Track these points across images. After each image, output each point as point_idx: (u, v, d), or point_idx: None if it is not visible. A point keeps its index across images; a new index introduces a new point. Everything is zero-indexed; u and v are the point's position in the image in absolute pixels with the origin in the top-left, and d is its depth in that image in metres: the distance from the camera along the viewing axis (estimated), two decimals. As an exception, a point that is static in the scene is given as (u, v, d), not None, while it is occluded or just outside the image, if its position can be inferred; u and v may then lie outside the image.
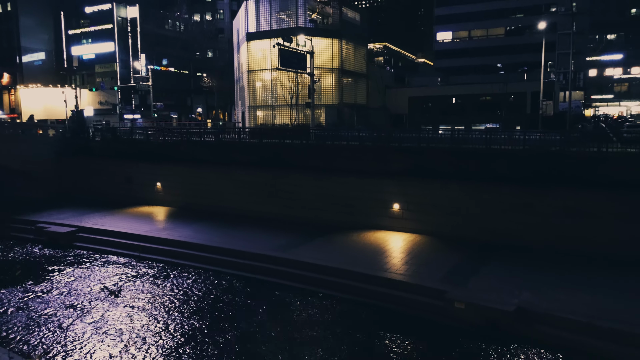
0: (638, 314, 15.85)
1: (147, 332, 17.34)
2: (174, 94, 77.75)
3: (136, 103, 69.74)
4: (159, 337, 17.00)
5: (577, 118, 54.99)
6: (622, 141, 26.17)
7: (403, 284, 19.53)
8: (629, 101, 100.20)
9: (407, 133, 31.43)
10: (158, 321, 18.27)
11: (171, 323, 18.11)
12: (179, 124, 59.58)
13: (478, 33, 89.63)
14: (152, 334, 17.19)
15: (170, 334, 17.21)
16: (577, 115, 57.80)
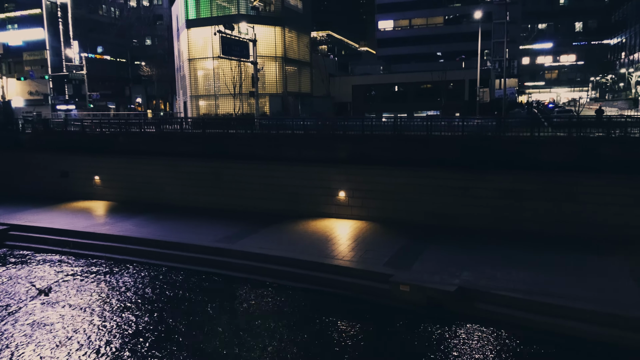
0: (569, 288, 16.92)
1: (85, 332, 16.72)
2: (111, 84, 74.50)
3: (70, 93, 66.29)
4: (98, 336, 16.44)
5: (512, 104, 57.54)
6: (553, 126, 27.66)
7: (350, 269, 19.85)
8: (559, 87, 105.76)
9: (352, 121, 31.78)
10: (97, 320, 17.65)
11: (112, 321, 17.55)
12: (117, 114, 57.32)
13: (418, 22, 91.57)
14: (90, 334, 16.59)
15: (112, 333, 16.68)
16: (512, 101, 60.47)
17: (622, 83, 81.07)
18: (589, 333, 14.82)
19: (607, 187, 22.45)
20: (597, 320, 15.10)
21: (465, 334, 15.85)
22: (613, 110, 52.76)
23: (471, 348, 14.95)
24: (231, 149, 31.18)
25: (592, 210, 22.63)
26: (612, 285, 17.03)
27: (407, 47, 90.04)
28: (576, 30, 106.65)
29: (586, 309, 15.37)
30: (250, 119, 34.72)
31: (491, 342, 15.26)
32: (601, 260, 19.60)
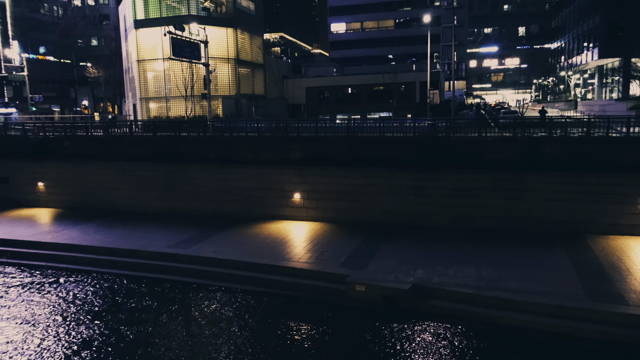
0: (518, 282, 17.56)
1: (29, 346, 15.92)
2: (54, 86, 71.48)
3: (10, 95, 63.13)
4: (43, 350, 15.69)
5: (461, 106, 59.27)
6: (499, 126, 28.70)
7: (306, 271, 19.85)
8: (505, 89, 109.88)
9: (306, 123, 31.83)
10: (42, 333, 16.84)
11: (58, 334, 16.79)
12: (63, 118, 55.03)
13: (370, 25, 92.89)
14: (35, 348, 15.81)
15: (58, 346, 15.95)
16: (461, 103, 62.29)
17: (562, 85, 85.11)
18: (538, 324, 15.41)
19: (551, 184, 23.48)
20: (545, 312, 15.74)
21: (420, 330, 16.16)
22: (554, 111, 55.35)
23: (426, 344, 15.25)
24: (183, 152, 30.55)
25: (537, 207, 23.62)
26: (557, 278, 17.81)
27: (360, 50, 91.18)
28: (519, 34, 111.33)
29: (535, 302, 16.00)
30: (203, 122, 34.14)
31: (445, 337, 15.63)
32: (547, 254, 20.46)
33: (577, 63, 72.18)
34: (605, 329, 14.74)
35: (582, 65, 70.57)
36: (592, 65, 67.96)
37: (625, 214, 22.55)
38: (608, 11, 57.33)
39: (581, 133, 24.50)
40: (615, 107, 44.82)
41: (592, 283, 17.20)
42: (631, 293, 16.24)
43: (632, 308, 15.18)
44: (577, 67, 73.32)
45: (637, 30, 52.55)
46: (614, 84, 64.04)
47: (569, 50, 77.88)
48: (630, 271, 18.18)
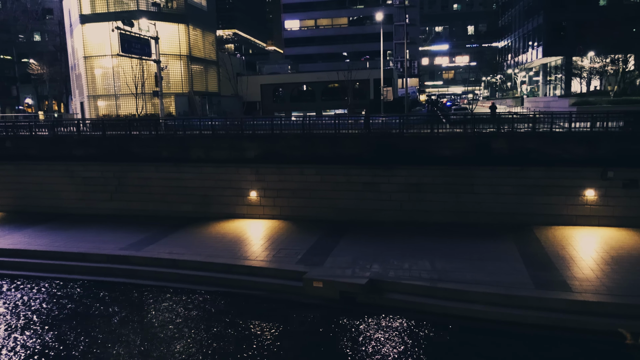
0: (470, 273, 18.13)
1: (-24, 357, 15.12)
2: (-6, 83, 67.87)
3: (-56, 94, 59.44)
4: (-8, 359, 14.94)
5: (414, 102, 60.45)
6: (450, 122, 29.46)
7: (263, 269, 19.77)
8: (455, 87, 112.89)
9: (261, 120, 31.60)
10: (-10, 342, 16.02)
11: (4, 344, 16.01)
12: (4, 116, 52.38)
13: (324, 22, 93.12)
14: (-17, 358, 15.04)
15: (3, 357, 15.22)
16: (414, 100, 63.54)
17: (509, 82, 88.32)
18: (489, 314, 15.98)
19: (499, 178, 24.34)
20: (495, 301, 16.34)
21: (377, 324, 16.42)
22: (502, 108, 57.34)
23: (383, 337, 15.51)
24: (135, 151, 29.70)
25: (488, 200, 24.45)
26: (506, 268, 18.50)
27: (314, 47, 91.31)
28: (469, 33, 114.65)
29: (485, 292, 16.58)
30: (155, 120, 33.28)
31: (401, 329, 15.94)
32: (497, 246, 21.22)
33: (523, 61, 75.09)
34: (551, 316, 15.45)
35: (527, 64, 73.47)
36: (536, 63, 70.88)
37: (569, 206, 23.68)
38: (550, 12, 59.92)
39: (527, 129, 25.51)
40: (558, 103, 46.87)
41: (539, 272, 17.97)
42: (574, 280, 17.08)
43: (575, 295, 15.97)
44: (523, 65, 76.27)
45: (577, 30, 55.19)
46: (557, 81, 67.05)
47: (515, 48, 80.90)
48: (573, 260, 19.11)
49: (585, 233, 22.52)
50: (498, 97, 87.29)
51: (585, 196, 23.44)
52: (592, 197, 23.37)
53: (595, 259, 19.15)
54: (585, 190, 23.39)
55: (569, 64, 58.55)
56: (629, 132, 24.07)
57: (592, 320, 14.99)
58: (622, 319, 14.76)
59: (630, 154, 23.14)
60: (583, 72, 55.44)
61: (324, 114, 50.65)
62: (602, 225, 23.28)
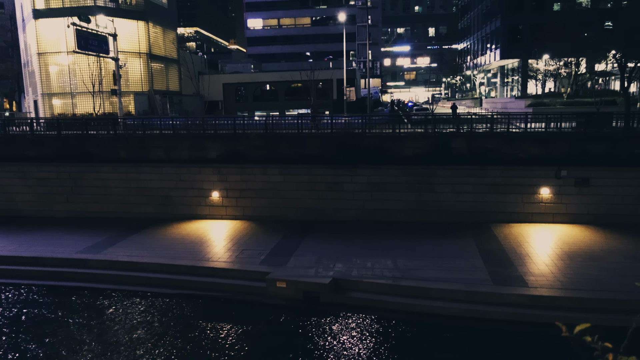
0: (431, 271, 18.46)
1: None
2: (-61, 80, 64.45)
3: None
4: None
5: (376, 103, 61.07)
6: (412, 122, 29.92)
7: (226, 270, 19.56)
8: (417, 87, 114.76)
9: (223, 120, 31.22)
10: None
11: (-46, 352, 15.26)
12: (-50, 115, 49.75)
13: (287, 22, 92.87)
14: None
15: (-46, 365, 14.51)
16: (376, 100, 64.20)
17: (469, 84, 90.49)
18: (449, 310, 16.32)
19: (459, 177, 24.90)
20: (455, 297, 16.70)
21: (340, 323, 16.51)
22: (461, 108, 58.71)
23: (346, 336, 15.61)
24: (92, 151, 28.83)
25: (448, 199, 24.97)
26: (466, 265, 18.95)
27: (277, 46, 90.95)
28: (430, 35, 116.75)
29: (446, 289, 16.92)
30: (114, 119, 32.39)
31: (364, 328, 16.09)
32: (457, 243, 21.69)
33: (482, 63, 77.07)
34: (508, 310, 15.92)
35: (485, 65, 75.46)
36: (494, 65, 72.87)
37: (525, 204, 24.46)
38: (507, 15, 61.72)
39: (486, 129, 26.19)
40: (515, 104, 48.38)
41: (497, 268, 18.49)
42: (530, 276, 17.65)
43: (531, 290, 16.52)
44: (481, 67, 78.28)
45: (533, 33, 57.05)
46: (514, 83, 69.15)
47: (474, 51, 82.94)
48: (529, 256, 19.75)
49: (541, 230, 23.31)
50: (458, 97, 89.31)
51: (541, 194, 24.26)
52: (547, 195, 24.21)
53: (550, 254, 19.86)
54: (541, 188, 24.21)
55: (525, 66, 60.47)
56: (580, 132, 25.07)
57: (547, 314, 15.50)
58: (574, 312, 15.34)
59: (582, 153, 24.11)
60: (538, 75, 57.40)
61: (287, 113, 50.51)
62: (556, 222, 24.16)
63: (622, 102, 36.36)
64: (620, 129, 25.34)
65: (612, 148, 24.05)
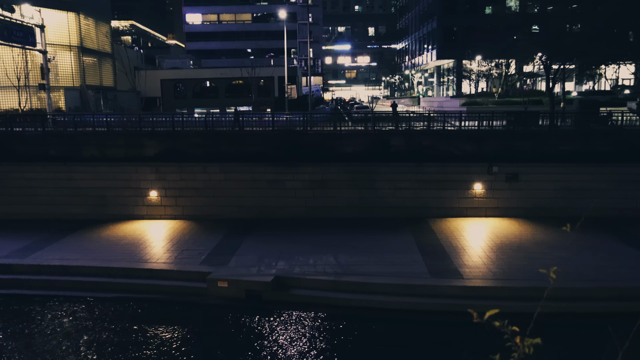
0: (372, 266, 18.83)
1: None
2: None
3: None
4: None
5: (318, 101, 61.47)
6: (353, 120, 30.40)
7: (166, 272, 19.05)
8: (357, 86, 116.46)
9: (161, 117, 30.38)
10: None
11: None
12: None
13: (227, 17, 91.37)
14: None
15: None
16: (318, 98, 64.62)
17: (407, 83, 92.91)
18: (389, 304, 16.74)
19: (398, 174, 25.56)
20: (394, 291, 17.16)
21: (283, 320, 16.53)
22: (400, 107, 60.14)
23: (289, 333, 15.66)
24: (18, 149, 27.14)
25: (387, 195, 25.56)
26: (405, 259, 19.49)
27: (217, 42, 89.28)
28: (370, 34, 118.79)
29: (385, 283, 17.35)
30: (42, 115, 30.66)
31: (306, 324, 16.20)
32: (396, 238, 22.26)
33: (419, 63, 79.36)
34: (444, 302, 16.55)
35: (423, 65, 77.77)
36: (431, 65, 75.25)
37: (460, 199, 25.47)
38: (443, 17, 63.87)
39: (423, 127, 27.03)
40: (450, 103, 50.20)
41: (434, 261, 19.16)
42: (465, 268, 18.43)
43: (465, 281, 17.26)
44: (419, 67, 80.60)
45: (467, 35, 59.41)
46: (449, 82, 71.73)
47: (412, 51, 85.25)
48: (464, 249, 20.62)
49: (475, 224, 24.37)
50: (397, 96, 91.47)
51: (474, 190, 25.36)
52: (480, 191, 25.34)
53: (483, 247, 20.82)
54: (474, 184, 25.30)
55: (460, 66, 62.86)
56: (510, 130, 26.42)
57: (480, 303, 16.22)
58: (505, 301, 16.17)
59: (512, 150, 25.42)
60: (472, 75, 59.87)
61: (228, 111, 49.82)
62: (489, 216, 25.33)
63: (547, 101, 38.63)
64: (545, 127, 26.94)
65: (539, 145, 25.53)
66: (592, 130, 26.40)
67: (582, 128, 26.79)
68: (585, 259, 19.02)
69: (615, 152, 25.22)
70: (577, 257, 19.24)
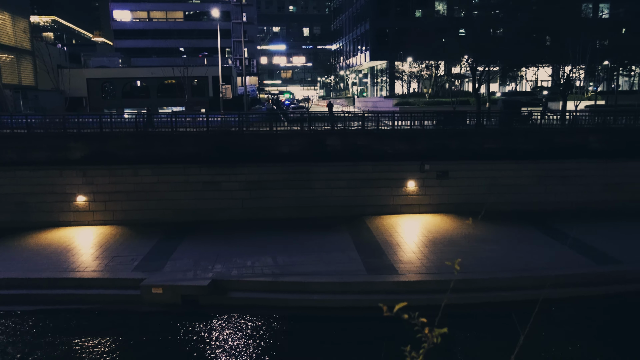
0: (311, 265, 18.93)
1: None
2: None
3: None
4: None
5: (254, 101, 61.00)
6: (289, 120, 30.42)
7: (95, 280, 18.18)
8: (293, 86, 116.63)
9: (88, 118, 28.96)
10: None
11: None
12: None
13: (158, 15, 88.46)
14: None
15: None
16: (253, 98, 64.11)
17: (342, 83, 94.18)
18: (327, 302, 16.94)
19: (334, 174, 25.85)
20: (332, 289, 17.37)
21: (221, 324, 16.27)
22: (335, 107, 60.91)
23: (227, 337, 15.43)
24: None
25: (324, 195, 25.79)
26: (342, 257, 19.75)
27: (148, 41, 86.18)
28: (304, 35, 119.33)
29: (323, 282, 17.52)
30: (-48, 117, 28.35)
31: (245, 327, 16.03)
32: (334, 237, 22.52)
33: (354, 64, 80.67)
34: (380, 298, 16.92)
35: (357, 66, 79.13)
36: (365, 66, 76.73)
37: (394, 196, 26.17)
38: (375, 19, 65.28)
39: (358, 127, 27.51)
40: (384, 103, 51.45)
41: (370, 258, 19.57)
42: (400, 263, 18.97)
43: (401, 276, 17.77)
44: (353, 68, 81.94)
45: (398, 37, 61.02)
46: (383, 83, 73.43)
47: (347, 52, 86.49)
48: (399, 245, 21.21)
49: (409, 220, 25.13)
50: (333, 96, 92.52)
51: (408, 187, 26.13)
52: (413, 188, 26.15)
53: (417, 242, 21.51)
54: (407, 181, 26.08)
55: (392, 67, 64.51)
56: (440, 129, 27.48)
57: (415, 297, 16.75)
58: (438, 294, 16.78)
59: (442, 148, 26.45)
60: (404, 76, 61.62)
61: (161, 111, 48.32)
62: (422, 212, 26.21)
63: (474, 102, 40.55)
64: (473, 126, 28.26)
65: (467, 143, 26.74)
66: (514, 129, 27.98)
67: (506, 127, 28.33)
68: (510, 251, 20.17)
69: (536, 150, 26.90)
70: (503, 249, 20.36)
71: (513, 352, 2.91)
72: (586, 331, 16.33)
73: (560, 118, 31.27)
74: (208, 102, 52.07)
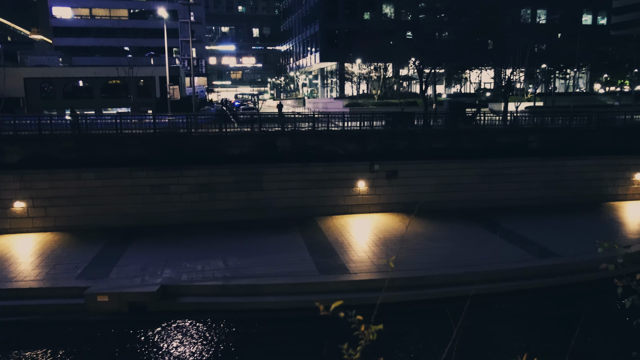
0: (262, 267, 18.79)
1: None
2: None
3: None
4: None
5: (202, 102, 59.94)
6: (239, 122, 30.13)
7: (35, 290, 17.32)
8: (243, 87, 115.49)
9: (26, 119, 27.56)
10: None
11: None
12: None
13: (101, 12, 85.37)
14: None
15: None
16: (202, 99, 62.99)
17: (292, 84, 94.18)
18: (279, 304, 16.89)
19: (285, 175, 25.81)
20: (284, 291, 17.35)
21: (170, 330, 15.91)
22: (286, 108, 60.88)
23: (176, 343, 15.10)
24: None
25: (276, 196, 25.70)
26: (294, 258, 19.76)
27: (91, 39, 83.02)
28: (254, 35, 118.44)
29: (274, 284, 17.47)
30: None
31: (195, 332, 15.75)
32: (286, 238, 22.47)
33: (304, 65, 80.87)
34: (333, 297, 17.02)
35: (307, 67, 79.39)
36: (315, 67, 77.09)
37: (345, 197, 26.43)
38: (325, 21, 65.71)
39: (308, 127, 27.61)
40: (334, 104, 51.89)
41: (322, 259, 19.67)
42: (351, 263, 19.18)
43: (352, 275, 17.97)
44: (303, 69, 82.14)
45: (348, 39, 61.72)
46: (333, 84, 74.03)
47: (297, 53, 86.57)
48: (350, 245, 21.44)
49: (359, 220, 25.46)
50: (283, 97, 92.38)
51: (358, 187, 26.47)
52: (363, 188, 26.51)
53: (367, 242, 21.82)
54: (358, 182, 26.41)
55: (342, 69, 65.17)
56: (389, 130, 28.02)
57: (367, 295, 17.00)
58: (390, 292, 17.13)
59: (391, 148, 26.98)
60: (354, 77, 62.38)
61: (105, 112, 46.64)
62: (372, 212, 26.61)
63: (421, 103, 41.57)
64: (420, 127, 29.00)
65: (414, 143, 27.40)
66: (460, 129, 28.93)
67: (451, 127, 29.23)
68: (457, 247, 20.82)
69: (480, 149, 27.93)
70: (450, 246, 21.00)
71: (448, 345, 3.02)
72: (525, 322, 17.14)
73: (502, 119, 32.61)
74: (155, 103, 50.72)
